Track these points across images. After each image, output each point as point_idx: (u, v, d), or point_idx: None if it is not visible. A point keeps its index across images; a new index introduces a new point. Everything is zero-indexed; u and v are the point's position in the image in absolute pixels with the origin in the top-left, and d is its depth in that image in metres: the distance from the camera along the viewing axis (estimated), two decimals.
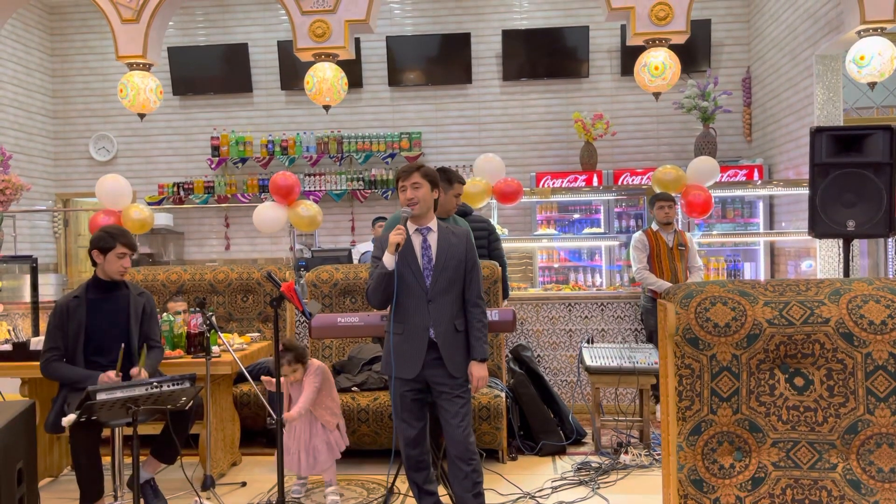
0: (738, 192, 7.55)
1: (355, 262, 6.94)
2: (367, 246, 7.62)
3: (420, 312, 3.21)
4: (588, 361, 4.71)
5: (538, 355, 5.77)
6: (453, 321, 3.24)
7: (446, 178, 4.03)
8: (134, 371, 3.61)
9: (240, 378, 4.66)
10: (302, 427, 3.87)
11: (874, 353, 1.94)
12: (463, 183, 4.18)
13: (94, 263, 3.77)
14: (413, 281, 3.20)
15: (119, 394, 3.12)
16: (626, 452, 4.55)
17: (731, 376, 1.97)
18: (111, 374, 3.54)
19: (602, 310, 5.81)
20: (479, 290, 3.31)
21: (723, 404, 1.97)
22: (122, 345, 3.65)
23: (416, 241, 3.25)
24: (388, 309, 3.29)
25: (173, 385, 3.27)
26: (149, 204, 8.35)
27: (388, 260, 3.15)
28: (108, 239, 3.70)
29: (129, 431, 3.34)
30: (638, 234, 5.68)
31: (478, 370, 3.26)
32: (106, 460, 3.65)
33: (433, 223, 3.30)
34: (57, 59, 9.20)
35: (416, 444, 3.31)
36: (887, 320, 1.95)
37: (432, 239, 3.26)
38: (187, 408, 3.50)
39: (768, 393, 1.96)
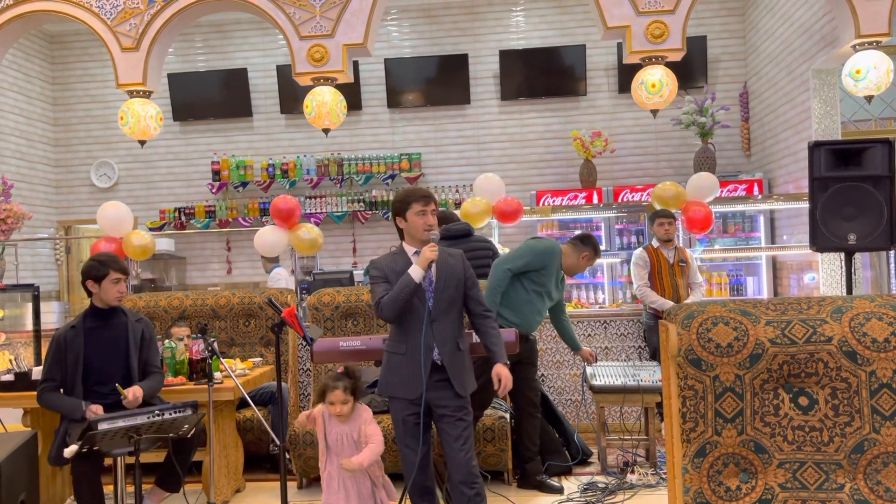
0: (739, 207, 7.55)
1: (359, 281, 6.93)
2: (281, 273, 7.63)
3: (424, 332, 3.23)
4: (592, 380, 4.69)
5: (542, 374, 5.75)
6: (456, 340, 3.29)
7: (581, 242, 4.52)
8: (129, 395, 3.58)
9: (242, 403, 4.64)
10: (351, 485, 3.36)
11: (878, 371, 1.93)
12: (597, 256, 4.58)
13: (90, 293, 3.77)
14: (416, 301, 3.24)
15: (121, 423, 3.12)
16: (633, 472, 4.51)
17: (734, 397, 1.96)
18: (96, 408, 3.52)
19: (605, 327, 5.79)
20: (484, 304, 3.41)
21: (727, 425, 1.96)
22: (117, 384, 3.64)
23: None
24: (390, 330, 3.33)
25: (175, 413, 3.26)
26: (150, 229, 8.37)
27: (416, 273, 3.19)
28: (99, 267, 3.71)
29: (131, 460, 3.32)
30: (638, 251, 5.67)
31: (503, 370, 3.30)
32: (108, 489, 3.63)
33: None
34: (58, 88, 9.26)
35: (420, 470, 3.28)
36: (890, 338, 1.94)
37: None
38: (190, 435, 3.48)
39: (773, 413, 1.95)
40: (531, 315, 4.40)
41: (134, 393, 3.59)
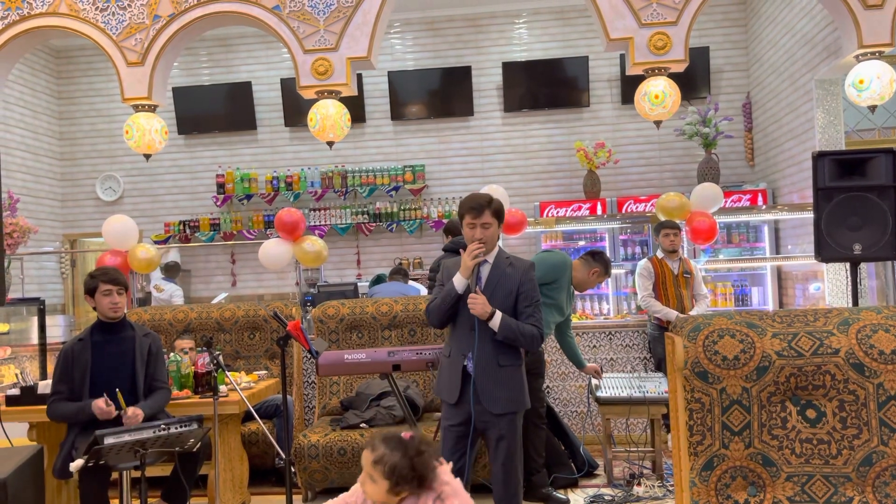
0: (743, 218, 7.54)
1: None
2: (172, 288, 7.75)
3: (465, 339, 3.21)
4: (598, 392, 4.67)
5: (548, 386, 5.73)
6: (497, 355, 3.19)
7: (592, 258, 4.54)
8: (129, 412, 3.60)
9: (247, 416, 4.64)
10: None
11: (886, 384, 1.92)
12: (607, 273, 4.62)
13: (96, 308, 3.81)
14: (463, 309, 3.20)
15: (127, 437, 3.11)
16: (639, 484, 4.50)
17: (741, 409, 1.96)
18: (101, 402, 3.54)
19: (610, 339, 5.78)
20: (534, 320, 3.22)
21: (735, 438, 1.95)
22: (117, 389, 3.64)
23: None
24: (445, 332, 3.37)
25: (181, 427, 3.26)
26: (155, 242, 8.39)
27: (459, 282, 3.17)
28: (90, 281, 3.76)
29: (137, 474, 3.32)
30: (643, 262, 5.67)
31: (487, 307, 3.11)
32: (114, 503, 3.62)
33: (490, 255, 3.30)
34: (63, 102, 9.32)
35: None
36: None
37: (484, 270, 3.27)
38: (195, 449, 3.48)
39: (780, 426, 1.94)
40: None
41: (134, 412, 3.61)
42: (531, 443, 4.46)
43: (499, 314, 3.13)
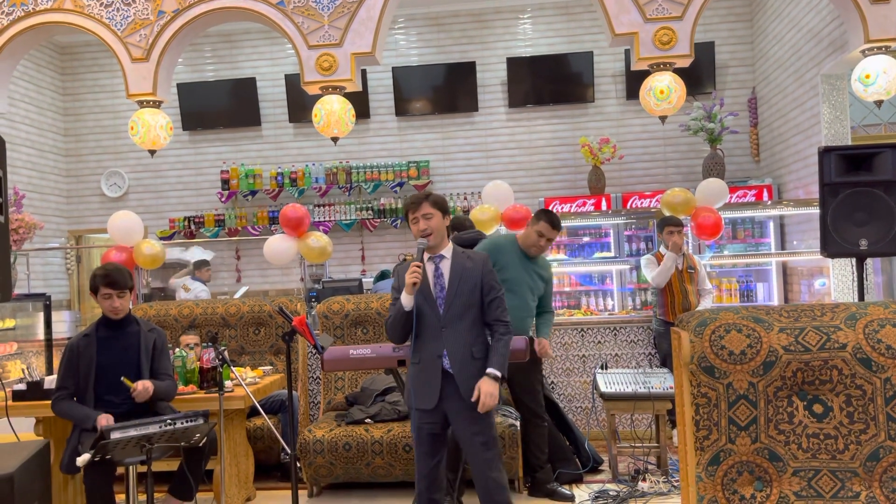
0: (748, 213, 7.52)
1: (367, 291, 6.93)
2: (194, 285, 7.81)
3: (434, 340, 3.18)
4: (602, 388, 4.67)
5: (552, 382, 5.73)
6: (470, 347, 3.18)
7: (535, 217, 4.37)
8: (139, 386, 3.61)
9: (253, 412, 4.65)
10: None
11: (893, 378, 1.92)
12: (557, 228, 4.36)
13: None
14: (427, 310, 3.18)
15: (133, 432, 3.12)
16: (644, 479, 4.49)
17: (748, 404, 1.95)
18: (107, 418, 3.54)
19: (615, 334, 5.78)
20: (498, 314, 3.23)
21: (741, 433, 1.95)
22: (123, 377, 3.64)
23: (429, 270, 3.24)
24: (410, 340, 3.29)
25: (187, 422, 3.27)
26: (160, 238, 8.41)
27: (406, 300, 3.15)
28: (92, 280, 3.76)
29: (143, 469, 3.33)
30: (647, 256, 5.67)
31: (486, 385, 3.10)
32: (120, 497, 3.63)
33: (447, 250, 3.28)
34: (69, 98, 9.33)
35: (429, 482, 3.25)
36: None
37: (445, 266, 3.25)
38: (201, 444, 3.49)
39: (787, 421, 1.94)
40: None
41: (144, 384, 3.61)
42: (532, 440, 4.45)
43: (496, 372, 3.12)
